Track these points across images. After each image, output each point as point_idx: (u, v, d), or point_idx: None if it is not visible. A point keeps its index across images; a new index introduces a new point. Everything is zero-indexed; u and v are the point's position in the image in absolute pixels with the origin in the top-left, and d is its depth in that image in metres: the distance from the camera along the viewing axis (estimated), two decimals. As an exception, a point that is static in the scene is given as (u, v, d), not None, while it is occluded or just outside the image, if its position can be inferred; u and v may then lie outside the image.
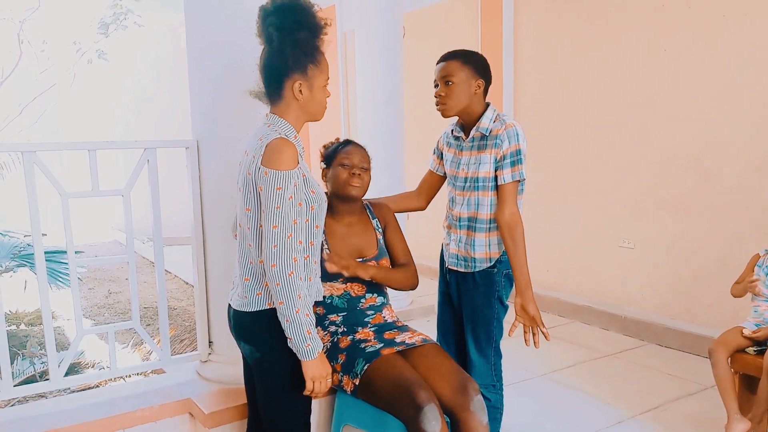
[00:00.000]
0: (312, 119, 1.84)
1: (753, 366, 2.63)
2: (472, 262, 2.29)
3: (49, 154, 2.28)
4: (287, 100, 1.76)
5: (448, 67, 2.24)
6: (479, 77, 2.26)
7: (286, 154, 1.66)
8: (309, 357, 1.68)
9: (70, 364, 2.31)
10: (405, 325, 2.27)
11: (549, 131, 4.98)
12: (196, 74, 2.34)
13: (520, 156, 2.21)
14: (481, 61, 2.30)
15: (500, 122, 2.23)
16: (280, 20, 1.68)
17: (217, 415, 2.16)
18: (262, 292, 1.74)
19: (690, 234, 4.04)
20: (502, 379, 2.35)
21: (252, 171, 1.69)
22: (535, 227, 5.17)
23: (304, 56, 1.72)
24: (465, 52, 2.30)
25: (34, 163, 2.14)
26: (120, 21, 9.11)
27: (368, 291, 2.19)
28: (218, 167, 2.30)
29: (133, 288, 2.41)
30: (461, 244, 2.32)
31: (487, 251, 2.28)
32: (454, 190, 2.36)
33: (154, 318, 5.66)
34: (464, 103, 2.24)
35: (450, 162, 2.38)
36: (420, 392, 1.87)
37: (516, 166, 2.20)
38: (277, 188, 1.64)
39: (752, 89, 3.66)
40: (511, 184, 2.21)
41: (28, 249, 4.43)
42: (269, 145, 1.68)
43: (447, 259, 2.40)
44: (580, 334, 4.38)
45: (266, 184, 1.64)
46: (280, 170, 1.64)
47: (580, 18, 4.63)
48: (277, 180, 1.64)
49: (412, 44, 5.68)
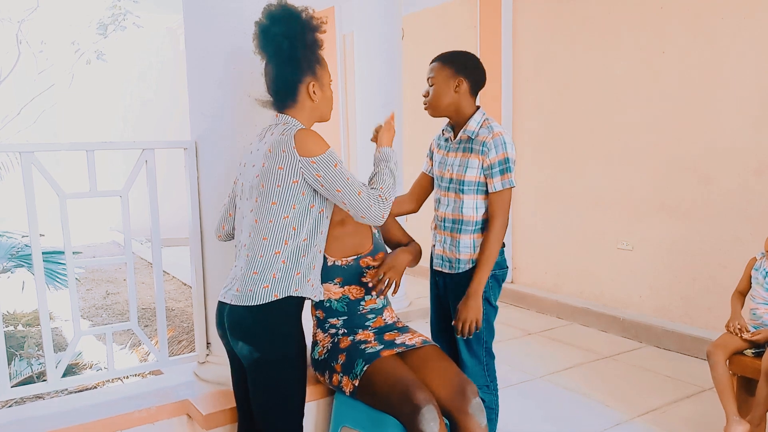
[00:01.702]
0: (321, 119, 1.89)
1: (751, 368, 2.63)
2: (456, 263, 2.30)
3: (47, 154, 2.28)
4: (301, 103, 1.82)
5: (431, 69, 2.28)
6: (459, 75, 2.24)
7: (317, 138, 1.75)
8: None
9: (67, 365, 2.30)
10: (406, 326, 2.26)
11: (548, 133, 4.99)
12: (195, 75, 2.34)
13: (509, 164, 2.18)
14: (464, 60, 2.28)
15: (488, 129, 2.22)
16: (286, 28, 1.73)
17: (215, 417, 2.16)
18: (270, 285, 1.75)
19: (689, 236, 4.04)
20: (496, 380, 2.36)
21: (285, 165, 1.72)
22: (534, 229, 5.18)
23: (312, 58, 1.79)
24: (451, 53, 2.31)
25: (32, 164, 2.13)
26: (119, 22, 9.10)
27: (367, 293, 2.18)
28: (217, 168, 2.30)
29: (131, 289, 2.41)
30: (446, 245, 2.32)
31: (471, 253, 2.28)
32: (439, 190, 2.37)
33: (152, 319, 5.65)
34: (445, 101, 2.25)
35: (438, 163, 2.39)
36: (418, 393, 1.87)
37: (506, 174, 2.18)
38: (335, 165, 1.73)
39: (751, 92, 3.67)
40: (505, 192, 2.20)
41: (26, 249, 4.42)
42: (297, 138, 1.73)
43: (433, 260, 2.41)
44: (579, 336, 4.38)
45: (323, 170, 1.72)
46: (323, 153, 1.73)
47: (578, 20, 4.64)
48: (329, 160, 1.73)
49: (411, 46, 5.69)
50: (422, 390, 1.89)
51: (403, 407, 1.86)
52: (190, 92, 2.37)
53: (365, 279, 2.15)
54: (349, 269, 2.13)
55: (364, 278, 2.15)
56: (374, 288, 2.09)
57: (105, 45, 9.51)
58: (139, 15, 8.99)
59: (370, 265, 2.15)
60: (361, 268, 2.15)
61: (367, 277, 2.14)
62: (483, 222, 2.27)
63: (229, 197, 2.02)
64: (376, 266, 2.15)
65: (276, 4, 1.78)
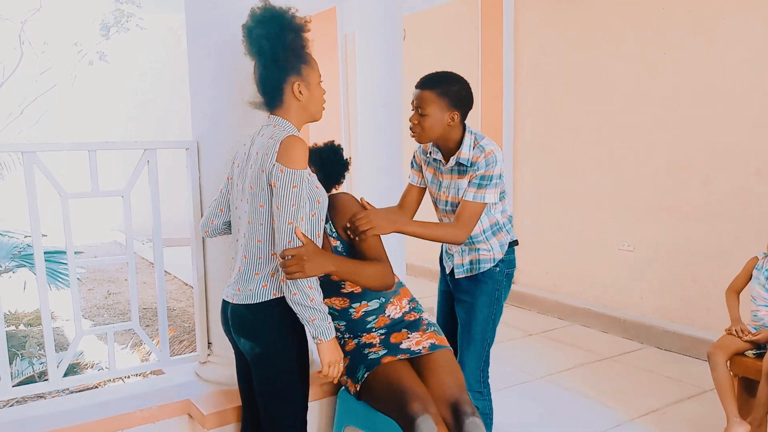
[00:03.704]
0: (312, 119, 1.89)
1: (752, 369, 2.63)
2: (477, 264, 2.33)
3: (49, 154, 2.29)
4: (288, 104, 1.82)
5: (423, 97, 2.16)
6: (454, 109, 2.16)
7: (301, 153, 1.71)
8: (328, 336, 1.72)
9: (69, 365, 2.30)
10: (418, 319, 2.15)
11: (549, 134, 4.99)
12: (197, 75, 2.34)
13: (490, 182, 2.15)
14: (459, 91, 2.17)
15: (479, 149, 2.18)
16: (266, 29, 1.75)
17: (216, 417, 2.16)
18: (268, 284, 1.79)
19: (689, 237, 4.04)
20: (489, 386, 2.37)
21: (266, 168, 1.72)
22: (535, 230, 5.18)
23: (295, 58, 1.79)
24: (442, 80, 2.18)
25: (34, 164, 2.13)
26: (122, 23, 9.13)
27: (353, 301, 2.08)
28: (218, 168, 2.30)
29: (133, 289, 2.41)
30: (466, 255, 2.34)
31: (491, 253, 2.32)
32: (439, 211, 2.38)
33: (153, 319, 5.66)
34: (437, 133, 2.19)
35: (430, 182, 2.38)
36: (413, 404, 1.83)
37: (481, 189, 2.15)
38: (293, 186, 1.69)
39: (752, 92, 3.67)
40: (474, 204, 2.16)
41: (28, 249, 4.43)
42: (284, 142, 1.72)
43: (455, 269, 2.38)
44: (580, 337, 4.38)
45: (282, 182, 1.68)
46: (295, 169, 1.69)
47: (580, 21, 4.63)
48: (293, 178, 1.69)
49: (413, 47, 5.69)
50: (419, 399, 1.86)
51: (400, 416, 1.86)
52: (192, 92, 2.38)
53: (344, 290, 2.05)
54: (323, 285, 1.87)
55: (343, 289, 2.06)
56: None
57: (107, 46, 9.53)
58: (142, 17, 9.01)
59: (343, 278, 1.97)
60: (334, 282, 2.03)
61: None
62: (492, 227, 2.29)
63: (221, 192, 2.02)
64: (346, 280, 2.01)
65: (260, 6, 1.80)
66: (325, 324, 1.72)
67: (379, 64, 4.24)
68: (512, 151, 5.30)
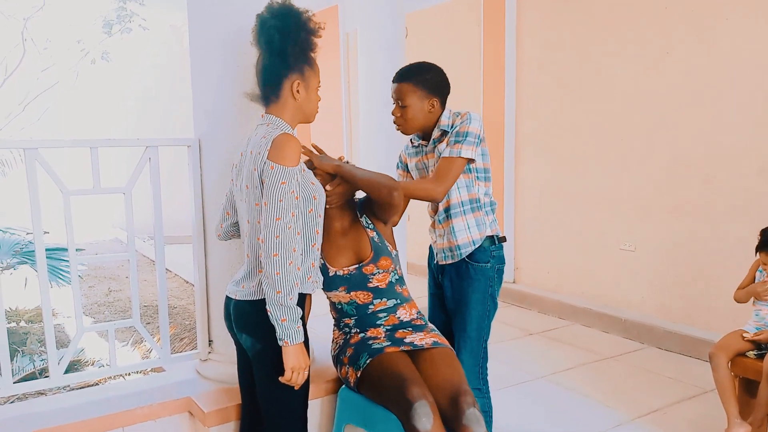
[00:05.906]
0: (305, 120, 1.91)
1: (753, 370, 2.63)
2: (457, 250, 2.31)
3: (51, 151, 2.28)
4: (284, 100, 1.83)
5: (401, 89, 2.26)
6: (433, 96, 2.26)
7: (292, 150, 1.72)
8: (295, 340, 1.70)
9: (70, 362, 2.31)
10: (424, 324, 2.20)
11: (550, 133, 4.99)
12: (199, 72, 2.34)
13: (465, 138, 2.18)
14: (433, 78, 2.27)
15: (456, 114, 2.27)
16: (281, 22, 1.77)
17: (217, 414, 2.16)
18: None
19: (691, 237, 4.03)
20: (487, 383, 2.37)
21: (258, 166, 1.74)
22: (536, 229, 5.18)
23: (301, 57, 1.81)
24: (417, 70, 2.27)
25: (35, 161, 2.13)
26: (124, 23, 9.14)
27: (375, 297, 2.14)
28: (220, 166, 2.30)
29: (134, 286, 2.42)
30: (444, 236, 2.34)
31: (468, 234, 2.29)
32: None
33: (154, 316, 5.67)
34: (420, 122, 2.28)
35: (418, 170, 2.42)
36: (412, 388, 1.87)
37: (457, 144, 2.19)
38: (282, 182, 1.69)
39: (755, 92, 3.66)
40: (452, 159, 2.18)
41: (29, 246, 4.43)
42: (275, 140, 1.73)
43: (436, 256, 2.42)
44: (581, 337, 4.38)
45: (270, 178, 1.69)
46: (285, 166, 1.70)
47: (582, 20, 4.63)
48: (282, 175, 1.69)
49: (415, 44, 5.69)
50: (417, 385, 1.88)
51: (398, 402, 1.87)
52: (194, 89, 2.38)
53: (371, 284, 2.13)
54: (352, 278, 2.11)
55: (369, 284, 2.13)
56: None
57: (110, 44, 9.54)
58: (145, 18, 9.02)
59: (374, 272, 2.12)
60: (364, 276, 2.12)
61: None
62: (471, 201, 2.29)
63: (227, 196, 2.05)
64: (382, 271, 2.13)
65: (280, 1, 1.82)
66: (294, 327, 1.70)
67: (381, 63, 4.23)
68: (514, 149, 5.30)
